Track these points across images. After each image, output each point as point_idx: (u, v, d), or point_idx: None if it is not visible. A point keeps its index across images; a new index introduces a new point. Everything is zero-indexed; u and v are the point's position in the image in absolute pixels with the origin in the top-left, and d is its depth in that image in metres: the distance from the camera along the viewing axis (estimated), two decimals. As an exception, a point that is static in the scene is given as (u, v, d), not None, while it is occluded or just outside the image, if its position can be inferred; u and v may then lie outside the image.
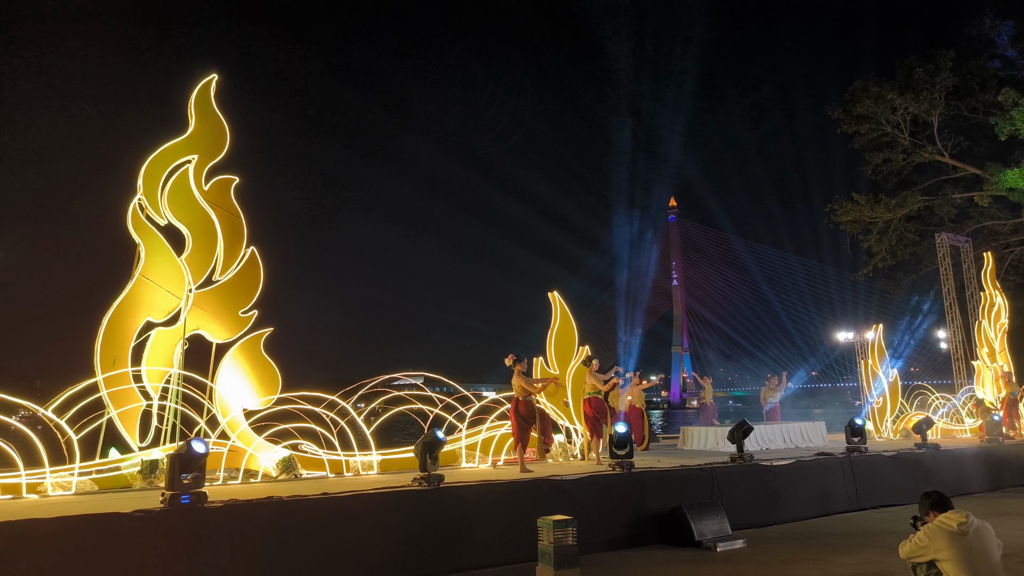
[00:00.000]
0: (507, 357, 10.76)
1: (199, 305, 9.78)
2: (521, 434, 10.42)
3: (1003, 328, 19.89)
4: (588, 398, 11.67)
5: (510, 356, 10.71)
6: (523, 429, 10.47)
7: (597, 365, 11.88)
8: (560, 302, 12.83)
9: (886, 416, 16.75)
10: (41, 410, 8.57)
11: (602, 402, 11.54)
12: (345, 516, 7.39)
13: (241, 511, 6.94)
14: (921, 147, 29.22)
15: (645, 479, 9.56)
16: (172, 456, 6.92)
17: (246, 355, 9.95)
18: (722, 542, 8.66)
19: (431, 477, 8.13)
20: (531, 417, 10.48)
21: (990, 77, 28.05)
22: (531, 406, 10.50)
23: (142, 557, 6.29)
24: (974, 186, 29.00)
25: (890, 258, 30.99)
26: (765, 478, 10.58)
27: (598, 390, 11.62)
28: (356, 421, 10.43)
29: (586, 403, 11.63)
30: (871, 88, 28.38)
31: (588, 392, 11.68)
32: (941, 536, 4.63)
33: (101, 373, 8.89)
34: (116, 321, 9.19)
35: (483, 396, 12.34)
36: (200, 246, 9.95)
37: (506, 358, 10.78)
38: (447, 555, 7.68)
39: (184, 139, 10.07)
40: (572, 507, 7.94)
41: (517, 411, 10.45)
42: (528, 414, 10.47)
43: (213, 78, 10.35)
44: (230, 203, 10.33)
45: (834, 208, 30.78)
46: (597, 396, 11.62)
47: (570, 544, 6.97)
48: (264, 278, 10.31)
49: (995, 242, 28.72)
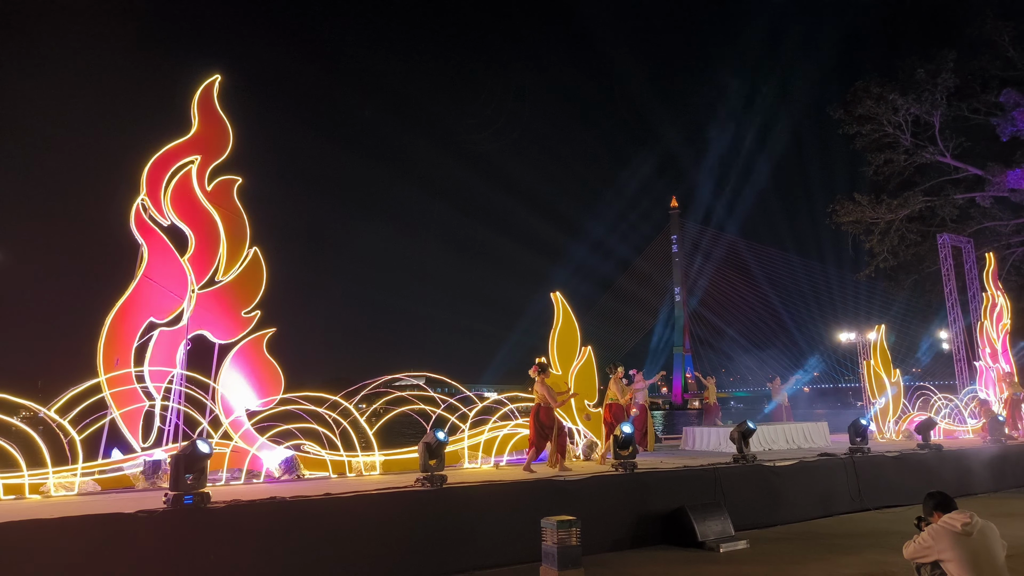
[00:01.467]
0: (531, 368, 10.81)
1: (202, 305, 9.78)
2: (539, 441, 10.42)
3: (1005, 329, 19.88)
4: (609, 404, 11.74)
5: (534, 367, 10.77)
6: (541, 436, 10.45)
7: (621, 372, 11.95)
8: (563, 303, 12.83)
9: (889, 417, 16.74)
10: (43, 410, 8.57)
11: (622, 409, 11.65)
12: (348, 517, 7.38)
13: (244, 511, 6.93)
14: (923, 148, 29.23)
15: (648, 480, 9.55)
16: (177, 456, 6.91)
17: (249, 355, 9.94)
18: (725, 543, 8.64)
19: (434, 477, 8.13)
20: (550, 426, 10.50)
21: (991, 78, 28.08)
22: (551, 414, 10.55)
23: (145, 557, 6.28)
24: (976, 186, 29.01)
25: (892, 259, 31.01)
26: (768, 479, 10.57)
27: (613, 398, 11.73)
28: (359, 422, 10.43)
29: (607, 409, 11.70)
30: (872, 89, 28.41)
31: (610, 398, 11.75)
32: (945, 537, 4.62)
33: (104, 373, 8.89)
34: (119, 321, 9.19)
35: (485, 397, 12.34)
36: (203, 246, 9.95)
37: (530, 369, 10.83)
38: (450, 555, 7.67)
39: (187, 139, 10.08)
40: (575, 507, 7.92)
41: (538, 417, 10.46)
42: (548, 422, 10.48)
43: (216, 78, 10.36)
44: (233, 203, 10.33)
45: (836, 209, 30.80)
46: (618, 403, 11.71)
47: (574, 544, 6.97)
48: (267, 278, 10.31)
49: (997, 243, 28.72)
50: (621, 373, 12.00)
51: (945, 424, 17.56)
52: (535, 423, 10.41)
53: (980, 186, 28.40)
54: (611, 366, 12.09)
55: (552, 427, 10.41)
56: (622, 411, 11.70)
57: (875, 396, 16.88)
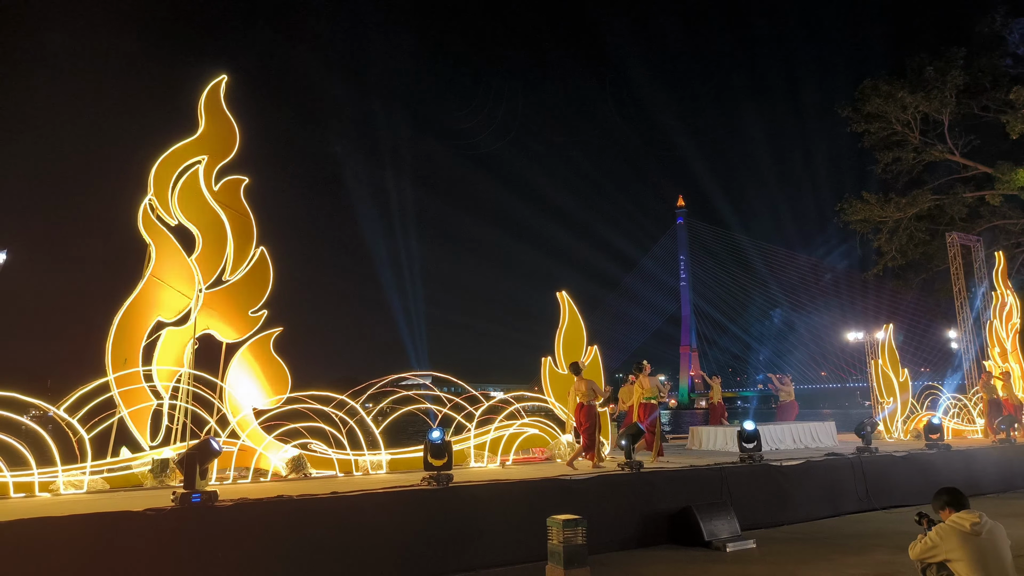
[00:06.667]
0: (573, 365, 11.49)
1: (209, 305, 9.82)
2: (589, 439, 10.82)
3: (1015, 328, 19.75)
4: (644, 404, 11.78)
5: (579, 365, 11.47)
6: (591, 434, 10.83)
7: (649, 368, 11.98)
8: (568, 302, 12.83)
9: (896, 417, 16.66)
10: (53, 409, 8.62)
11: (655, 407, 11.70)
12: (355, 515, 7.41)
13: (251, 510, 6.97)
14: (931, 146, 29.04)
15: (654, 479, 9.53)
16: (190, 455, 6.94)
17: (256, 355, 9.98)
18: (732, 542, 8.62)
19: (440, 476, 8.14)
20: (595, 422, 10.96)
21: (1002, 75, 27.84)
22: (593, 411, 10.94)
23: (153, 555, 6.32)
24: (985, 185, 28.80)
25: (900, 257, 30.84)
26: (775, 478, 10.53)
27: (651, 396, 11.75)
28: (365, 420, 10.46)
29: (642, 409, 11.75)
30: (881, 87, 28.23)
31: (645, 397, 11.80)
32: (953, 536, 4.54)
33: (112, 372, 8.95)
34: (127, 321, 9.24)
35: (491, 396, 12.35)
36: (210, 246, 9.99)
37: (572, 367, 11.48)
38: (456, 554, 7.68)
39: (194, 140, 10.12)
40: (581, 507, 7.91)
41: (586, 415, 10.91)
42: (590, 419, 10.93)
43: (223, 79, 10.40)
44: (240, 203, 10.37)
45: (844, 207, 30.64)
46: (651, 402, 11.76)
47: (580, 543, 6.96)
48: (273, 278, 10.34)
49: (1007, 241, 28.53)
50: (649, 369, 12.02)
51: (953, 424, 17.46)
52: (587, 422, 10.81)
53: (989, 184, 28.19)
54: (637, 364, 12.14)
55: (597, 423, 10.81)
56: (655, 410, 11.79)
57: (883, 396, 16.80)
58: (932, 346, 40.90)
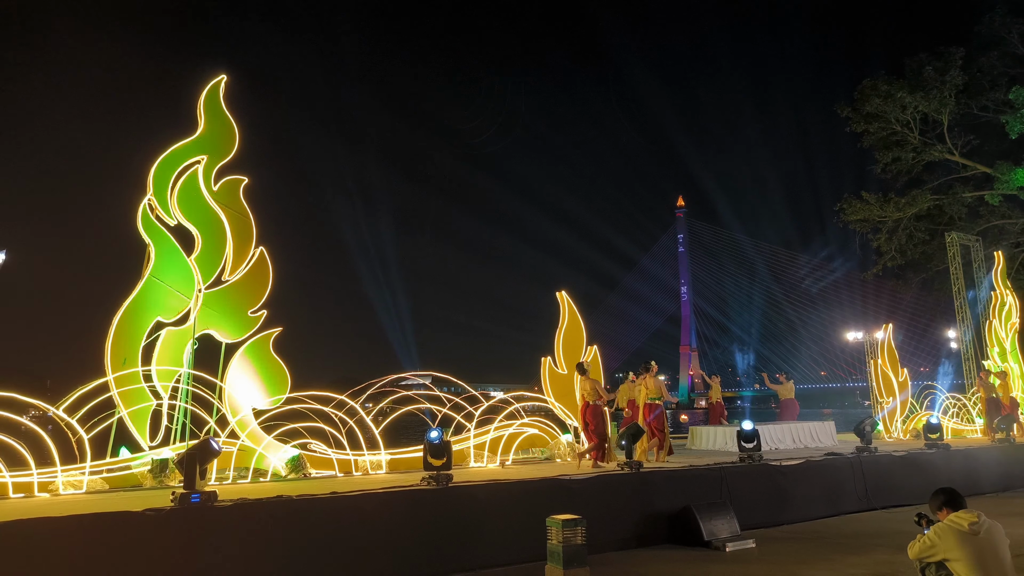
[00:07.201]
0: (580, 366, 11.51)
1: (209, 305, 9.82)
2: (600, 439, 10.92)
3: (1014, 328, 19.76)
4: (649, 404, 11.76)
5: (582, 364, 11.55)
6: (602, 434, 10.94)
7: (656, 369, 11.97)
8: (568, 302, 12.82)
9: (896, 416, 16.66)
10: (52, 409, 8.63)
11: (659, 407, 11.71)
12: (354, 515, 7.41)
13: (251, 510, 6.96)
14: (931, 146, 29.02)
15: (654, 479, 9.54)
16: (189, 455, 6.94)
17: (255, 355, 9.98)
18: (731, 542, 8.63)
19: (439, 476, 8.14)
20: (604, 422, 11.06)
21: (1001, 75, 27.83)
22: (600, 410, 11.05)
23: (153, 555, 6.32)
24: (984, 185, 28.79)
25: (900, 257, 30.83)
26: (774, 478, 10.53)
27: (655, 396, 11.74)
28: (365, 420, 10.46)
29: (646, 408, 11.74)
30: (880, 86, 28.19)
31: (649, 398, 11.78)
32: (951, 536, 4.53)
33: (111, 373, 8.95)
34: (126, 321, 9.24)
35: (491, 396, 12.35)
36: (209, 246, 9.99)
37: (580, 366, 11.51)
38: (456, 554, 7.68)
39: (194, 140, 10.13)
40: (581, 507, 7.91)
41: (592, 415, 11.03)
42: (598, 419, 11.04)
43: (222, 79, 10.40)
44: (239, 203, 10.37)
45: (843, 207, 30.62)
46: (657, 402, 11.75)
47: (579, 543, 6.96)
48: (273, 278, 10.34)
49: (1006, 241, 28.49)
50: (656, 368, 12.02)
51: (953, 423, 17.46)
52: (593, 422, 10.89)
53: (989, 184, 28.18)
54: (645, 364, 12.13)
55: (605, 422, 10.89)
56: (659, 408, 11.78)
57: (883, 396, 16.80)
58: (932, 346, 40.96)
